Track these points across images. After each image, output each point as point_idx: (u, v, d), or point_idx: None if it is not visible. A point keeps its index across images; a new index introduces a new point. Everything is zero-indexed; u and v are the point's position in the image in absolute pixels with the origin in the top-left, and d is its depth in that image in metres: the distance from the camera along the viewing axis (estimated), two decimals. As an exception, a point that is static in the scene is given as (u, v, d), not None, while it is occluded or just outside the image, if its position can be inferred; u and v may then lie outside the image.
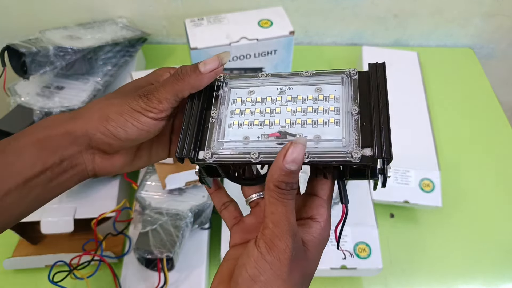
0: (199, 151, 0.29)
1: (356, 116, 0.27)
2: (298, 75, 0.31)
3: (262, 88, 0.31)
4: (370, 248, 0.52)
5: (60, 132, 0.29)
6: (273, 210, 0.25)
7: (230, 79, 0.32)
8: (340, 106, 0.29)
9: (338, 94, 0.29)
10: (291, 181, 0.25)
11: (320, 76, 0.30)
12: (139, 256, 0.49)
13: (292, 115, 0.29)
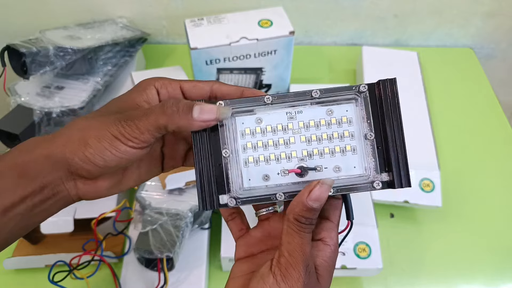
0: (219, 195, 0.28)
1: (371, 141, 0.28)
2: (305, 95, 0.28)
3: (269, 114, 0.29)
4: (370, 248, 0.52)
5: (39, 156, 0.27)
6: (290, 240, 0.26)
7: (232, 104, 0.29)
8: (354, 130, 0.28)
9: (351, 115, 0.29)
10: (311, 217, 0.26)
11: (329, 96, 0.28)
12: (139, 256, 0.49)
13: (308, 144, 0.28)
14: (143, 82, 0.31)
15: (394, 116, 0.28)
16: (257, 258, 0.30)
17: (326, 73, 0.84)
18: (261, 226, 0.32)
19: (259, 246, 0.31)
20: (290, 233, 0.26)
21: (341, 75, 0.83)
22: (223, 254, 0.52)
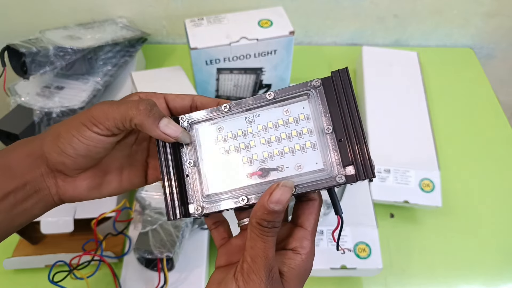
0: (187, 205, 0.29)
1: (330, 134, 0.27)
2: (262, 99, 0.28)
3: (229, 121, 0.29)
4: (370, 248, 0.52)
5: (20, 155, 0.29)
6: (252, 245, 0.26)
7: (191, 117, 0.30)
8: (312, 125, 0.28)
9: (308, 112, 0.28)
10: (274, 220, 0.25)
11: (284, 96, 0.28)
12: (139, 256, 0.49)
13: (268, 146, 0.28)
14: (128, 95, 0.31)
15: (349, 106, 0.27)
16: (233, 268, 0.29)
17: (326, 73, 0.83)
18: (242, 235, 0.32)
19: (239, 255, 0.30)
20: (253, 238, 0.26)
21: (341, 75, 0.83)
22: (223, 254, 0.52)
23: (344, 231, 0.54)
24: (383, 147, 0.64)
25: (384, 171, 0.61)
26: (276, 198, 0.25)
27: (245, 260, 0.26)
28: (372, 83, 0.73)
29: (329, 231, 0.54)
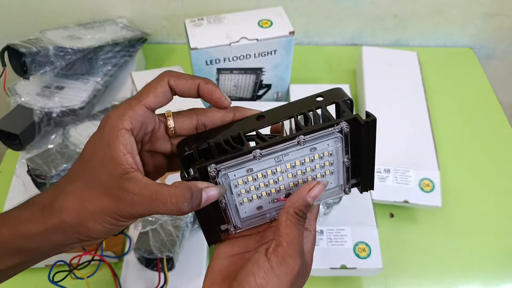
0: (221, 225, 0.32)
1: (347, 164, 0.32)
2: (292, 144, 0.29)
3: (259, 163, 0.30)
4: (370, 248, 0.52)
5: (39, 230, 0.27)
6: (289, 232, 0.28)
7: (221, 164, 0.29)
8: (334, 159, 0.31)
9: (331, 149, 0.31)
10: (307, 211, 0.29)
11: (313, 136, 0.30)
12: (139, 256, 0.49)
13: (294, 178, 0.31)
14: (110, 127, 0.28)
15: (369, 148, 0.32)
16: (238, 241, 0.32)
17: (326, 73, 0.84)
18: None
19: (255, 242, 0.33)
20: (289, 225, 0.28)
21: (341, 75, 0.83)
22: (223, 254, 0.52)
23: (344, 231, 0.54)
24: (382, 147, 0.64)
25: (384, 171, 0.61)
26: (315, 194, 0.29)
27: (280, 244, 0.28)
28: (372, 83, 0.73)
29: (329, 231, 0.54)
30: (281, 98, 0.74)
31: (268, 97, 0.73)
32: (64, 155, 0.53)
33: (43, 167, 0.51)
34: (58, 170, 0.51)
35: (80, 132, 0.58)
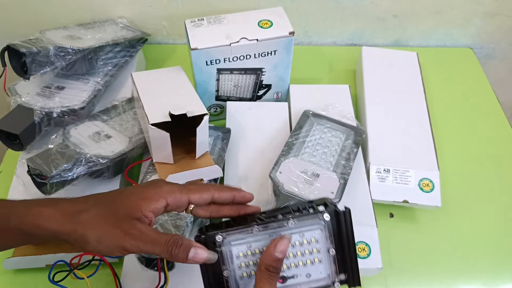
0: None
1: (333, 254, 0.38)
2: (284, 225, 0.37)
3: (257, 238, 0.37)
4: (370, 248, 0.53)
5: (54, 229, 0.34)
6: (261, 286, 0.34)
7: (227, 234, 0.37)
8: (320, 246, 0.38)
9: (318, 237, 0.38)
10: (278, 266, 0.35)
11: (301, 223, 0.37)
12: (140, 255, 0.49)
13: (287, 259, 0.37)
14: (155, 191, 0.37)
15: (349, 238, 0.38)
16: None
17: (326, 73, 0.84)
18: None
19: None
20: (262, 281, 0.34)
21: (341, 75, 0.83)
22: (223, 254, 0.52)
23: None
24: (382, 147, 0.64)
25: (384, 171, 0.61)
26: (280, 249, 0.34)
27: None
28: (372, 83, 0.73)
29: None
30: (281, 98, 0.74)
31: (268, 97, 0.73)
32: (65, 155, 0.53)
33: (43, 167, 0.51)
34: (58, 170, 0.51)
35: (80, 132, 0.58)
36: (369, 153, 0.63)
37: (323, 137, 0.61)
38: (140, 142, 0.59)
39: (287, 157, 0.57)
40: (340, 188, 0.54)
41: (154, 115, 0.50)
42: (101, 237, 0.34)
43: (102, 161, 0.54)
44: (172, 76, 0.61)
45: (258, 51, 0.63)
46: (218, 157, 0.58)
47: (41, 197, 0.49)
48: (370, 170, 0.61)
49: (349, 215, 0.38)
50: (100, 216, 0.34)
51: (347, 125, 0.63)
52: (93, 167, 0.54)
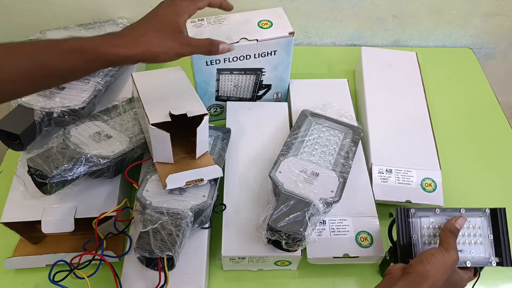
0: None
1: (491, 239, 0.48)
2: (457, 209, 0.49)
3: (437, 217, 0.49)
4: (372, 237, 0.53)
5: (126, 54, 0.43)
6: (451, 241, 0.45)
7: (417, 210, 0.49)
8: (481, 232, 0.48)
9: (480, 224, 0.49)
10: (455, 231, 0.46)
11: (469, 212, 0.49)
12: (140, 255, 0.49)
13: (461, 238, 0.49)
14: (181, 8, 0.49)
15: (504, 230, 0.48)
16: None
17: (325, 73, 0.84)
18: None
19: None
20: (446, 237, 0.46)
21: (341, 75, 0.83)
22: (223, 253, 0.52)
23: (346, 221, 0.55)
24: (384, 147, 0.64)
25: (386, 171, 0.61)
26: (459, 221, 0.47)
27: (445, 245, 0.45)
28: (372, 84, 0.73)
29: (331, 221, 0.55)
30: (281, 98, 0.74)
31: (268, 97, 0.73)
32: (65, 155, 0.53)
33: (43, 167, 0.51)
34: (59, 170, 0.51)
35: (80, 132, 0.58)
36: (371, 154, 0.63)
37: (321, 136, 0.61)
38: (140, 142, 0.59)
39: (286, 156, 0.57)
40: (339, 187, 0.54)
41: (154, 115, 0.50)
42: (167, 50, 0.46)
43: (102, 161, 0.54)
44: (172, 76, 0.61)
45: (258, 52, 0.64)
46: (218, 157, 0.58)
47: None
48: (372, 170, 0.61)
49: (504, 213, 0.48)
50: (158, 36, 0.45)
51: (345, 124, 0.63)
52: (93, 167, 0.54)
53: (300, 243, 0.49)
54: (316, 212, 0.50)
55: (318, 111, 0.65)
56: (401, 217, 0.49)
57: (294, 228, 0.48)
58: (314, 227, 0.50)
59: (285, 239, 0.48)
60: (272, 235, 0.49)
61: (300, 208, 0.50)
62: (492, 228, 0.48)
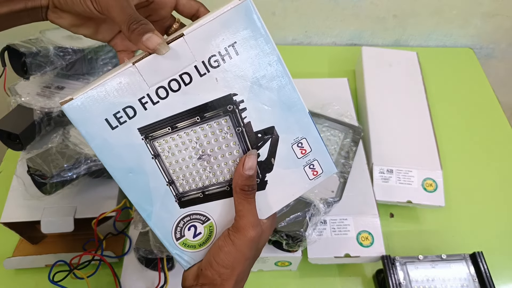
0: None
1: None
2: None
3: None
4: (373, 236, 0.53)
5: None
6: (240, 208, 0.32)
7: None
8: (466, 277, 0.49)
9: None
10: (251, 182, 0.32)
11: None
12: (140, 255, 0.49)
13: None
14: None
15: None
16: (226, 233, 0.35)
17: (325, 73, 0.84)
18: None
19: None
20: (239, 202, 0.32)
21: (341, 75, 0.82)
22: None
23: (347, 220, 0.55)
24: (385, 148, 0.64)
25: (387, 171, 0.61)
26: (249, 165, 0.31)
27: (236, 220, 0.33)
28: (372, 84, 0.73)
29: (332, 220, 0.55)
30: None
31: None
32: (65, 155, 0.53)
33: (43, 167, 0.51)
34: (59, 170, 0.51)
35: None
36: (372, 154, 0.63)
37: (321, 136, 0.60)
38: (140, 142, 0.58)
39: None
40: (340, 187, 0.54)
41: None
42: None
43: (102, 160, 0.54)
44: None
45: (201, 58, 0.30)
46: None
47: None
48: (373, 170, 0.61)
49: (482, 256, 0.51)
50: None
51: (346, 124, 0.63)
52: (93, 167, 0.54)
53: (301, 243, 0.49)
54: (317, 212, 0.50)
55: (318, 110, 0.65)
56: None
57: (295, 229, 0.48)
58: (314, 227, 0.50)
59: (286, 240, 0.48)
60: (273, 235, 0.49)
61: (300, 208, 0.50)
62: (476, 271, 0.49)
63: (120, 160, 0.31)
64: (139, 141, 0.31)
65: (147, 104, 0.30)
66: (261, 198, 0.34)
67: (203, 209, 0.34)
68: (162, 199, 0.33)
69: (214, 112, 0.31)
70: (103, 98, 0.29)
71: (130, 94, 0.30)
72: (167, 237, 0.34)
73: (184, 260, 0.35)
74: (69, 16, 0.34)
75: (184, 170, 0.33)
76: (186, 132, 0.32)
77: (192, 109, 0.31)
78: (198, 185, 0.34)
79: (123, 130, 0.30)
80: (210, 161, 0.33)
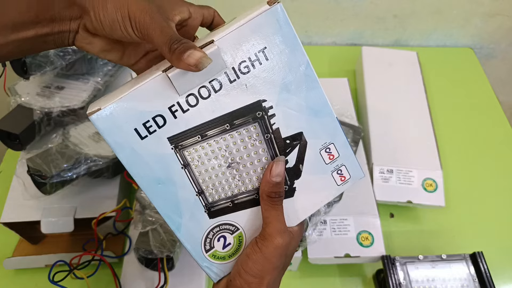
0: None
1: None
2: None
3: None
4: (373, 237, 0.53)
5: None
6: (267, 215, 0.32)
7: None
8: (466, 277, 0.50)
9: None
10: (279, 190, 0.31)
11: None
12: (139, 255, 0.49)
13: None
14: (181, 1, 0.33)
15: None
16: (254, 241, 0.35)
17: (326, 72, 0.84)
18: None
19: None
20: (266, 209, 0.32)
21: (341, 75, 0.83)
22: (223, 253, 0.52)
23: (347, 220, 0.55)
24: (385, 147, 0.64)
25: (387, 171, 0.61)
26: (276, 172, 0.31)
27: (263, 228, 0.32)
28: (373, 84, 0.73)
29: (332, 221, 0.55)
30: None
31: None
32: (64, 155, 0.53)
33: (43, 167, 0.51)
34: (58, 170, 0.51)
35: (80, 132, 0.58)
36: (372, 154, 0.63)
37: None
38: (140, 142, 0.58)
39: (287, 156, 0.57)
40: (340, 188, 0.54)
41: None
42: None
43: (102, 161, 0.54)
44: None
45: (232, 65, 0.31)
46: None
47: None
48: (373, 170, 0.61)
49: (482, 256, 0.51)
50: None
51: (346, 124, 0.63)
52: (93, 167, 0.54)
53: (301, 243, 0.49)
54: (317, 213, 0.50)
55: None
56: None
57: (295, 228, 0.48)
58: (315, 227, 0.50)
59: (286, 240, 0.48)
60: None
61: (300, 208, 0.50)
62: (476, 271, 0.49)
63: (148, 171, 0.31)
64: (169, 150, 0.30)
65: (177, 112, 0.29)
66: (289, 205, 0.33)
67: (232, 219, 0.33)
68: (191, 209, 0.32)
69: (243, 119, 0.31)
70: (133, 107, 0.28)
71: (160, 103, 0.29)
72: (196, 249, 0.33)
73: (214, 273, 0.34)
74: (100, 41, 0.32)
75: (214, 179, 0.32)
76: (216, 140, 0.31)
77: (221, 116, 0.30)
78: (228, 194, 0.33)
79: (153, 139, 0.29)
80: (239, 169, 0.32)
